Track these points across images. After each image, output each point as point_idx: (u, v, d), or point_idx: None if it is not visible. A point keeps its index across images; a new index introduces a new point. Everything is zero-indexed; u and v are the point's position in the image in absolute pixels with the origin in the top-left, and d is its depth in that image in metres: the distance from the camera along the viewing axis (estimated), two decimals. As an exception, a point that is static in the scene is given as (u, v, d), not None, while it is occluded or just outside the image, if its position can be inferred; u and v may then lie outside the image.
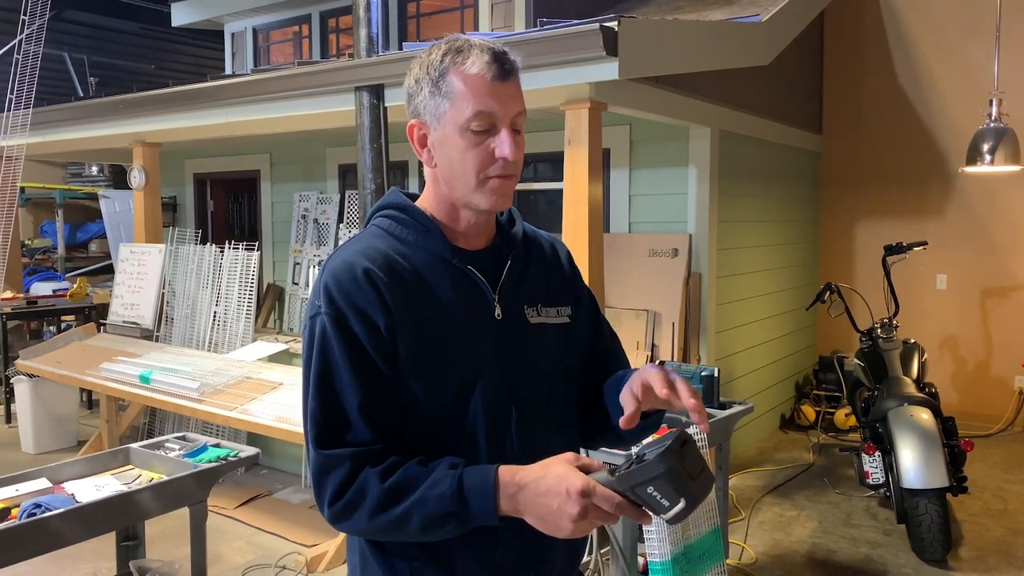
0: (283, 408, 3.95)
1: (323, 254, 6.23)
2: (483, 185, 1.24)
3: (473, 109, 1.21)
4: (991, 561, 3.78)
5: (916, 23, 6.33)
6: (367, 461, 1.18)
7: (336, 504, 1.18)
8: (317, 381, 1.21)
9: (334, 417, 1.20)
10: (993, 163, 4.72)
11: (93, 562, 3.71)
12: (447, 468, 1.16)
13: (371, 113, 4.19)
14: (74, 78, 9.26)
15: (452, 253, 1.29)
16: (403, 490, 1.16)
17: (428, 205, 1.32)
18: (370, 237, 1.31)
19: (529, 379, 1.30)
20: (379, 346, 1.20)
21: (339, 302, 1.21)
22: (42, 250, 9.92)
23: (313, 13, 6.90)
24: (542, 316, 1.35)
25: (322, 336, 1.21)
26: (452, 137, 1.24)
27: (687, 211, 4.78)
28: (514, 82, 1.25)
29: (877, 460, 4.03)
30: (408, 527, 1.16)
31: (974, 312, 6.20)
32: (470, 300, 1.28)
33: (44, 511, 2.41)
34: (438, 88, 1.24)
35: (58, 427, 5.64)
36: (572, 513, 1.07)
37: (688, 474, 1.04)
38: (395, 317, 1.21)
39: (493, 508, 1.13)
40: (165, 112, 5.28)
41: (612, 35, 3.24)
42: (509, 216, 1.39)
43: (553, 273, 1.42)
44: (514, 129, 1.24)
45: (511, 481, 1.13)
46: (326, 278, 1.24)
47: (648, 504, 1.06)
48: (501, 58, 1.23)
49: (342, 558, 3.80)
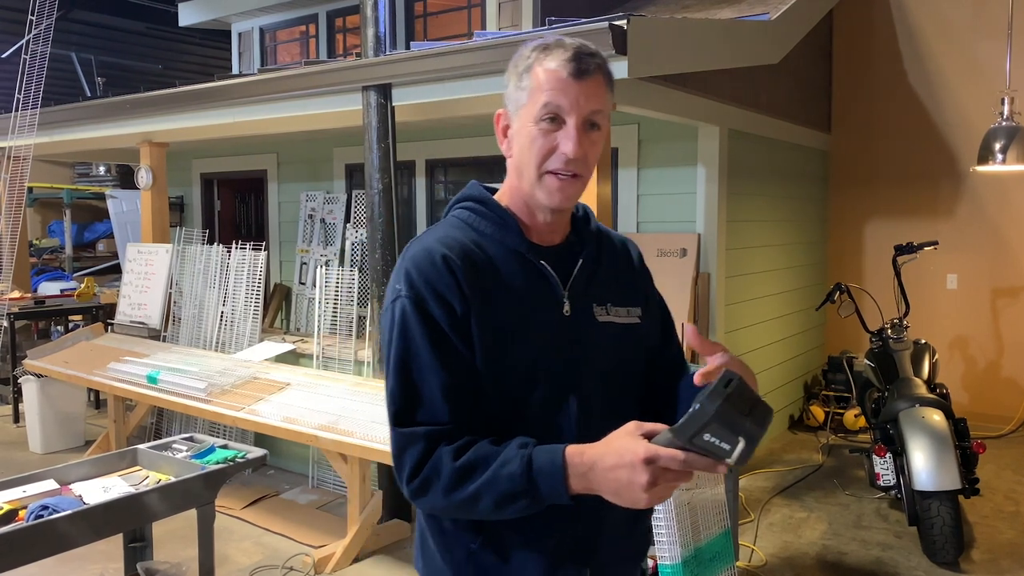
0: (290, 408, 3.94)
1: (330, 254, 6.22)
2: (543, 179, 1.28)
3: (544, 101, 1.25)
4: (1003, 564, 3.75)
5: (926, 20, 6.29)
6: (442, 440, 1.21)
7: (413, 482, 1.22)
8: (397, 362, 1.25)
9: (412, 397, 1.24)
10: (1005, 162, 4.68)
11: (101, 563, 3.71)
12: (517, 448, 1.19)
13: (378, 112, 4.17)
14: (81, 78, 9.28)
15: (526, 247, 1.32)
16: (475, 468, 1.19)
17: (506, 198, 1.36)
18: (448, 227, 1.34)
19: (593, 375, 1.32)
20: (456, 329, 1.24)
21: (419, 286, 1.25)
22: (50, 250, 9.94)
23: (320, 13, 6.90)
24: (611, 315, 1.38)
25: (402, 318, 1.25)
26: (525, 127, 1.28)
27: (696, 211, 4.75)
28: (593, 81, 1.26)
29: (888, 462, 4.00)
30: (480, 504, 1.19)
31: (985, 312, 6.15)
32: (540, 294, 1.31)
33: (51, 513, 2.41)
34: (521, 81, 1.29)
35: (66, 427, 5.65)
36: (642, 482, 1.09)
37: (740, 412, 1.05)
38: (469, 303, 1.25)
39: (563, 488, 1.15)
40: (172, 112, 5.28)
41: (621, 34, 3.22)
42: (585, 214, 1.43)
43: (624, 273, 1.45)
44: (590, 128, 1.27)
45: (580, 461, 1.15)
46: (407, 264, 1.28)
47: (710, 452, 1.06)
48: (581, 56, 1.26)
49: (349, 559, 3.79)
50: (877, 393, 4.68)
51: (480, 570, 1.29)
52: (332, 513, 4.41)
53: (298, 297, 6.45)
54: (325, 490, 4.78)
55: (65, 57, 9.10)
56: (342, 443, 3.60)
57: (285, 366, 4.75)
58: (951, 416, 3.96)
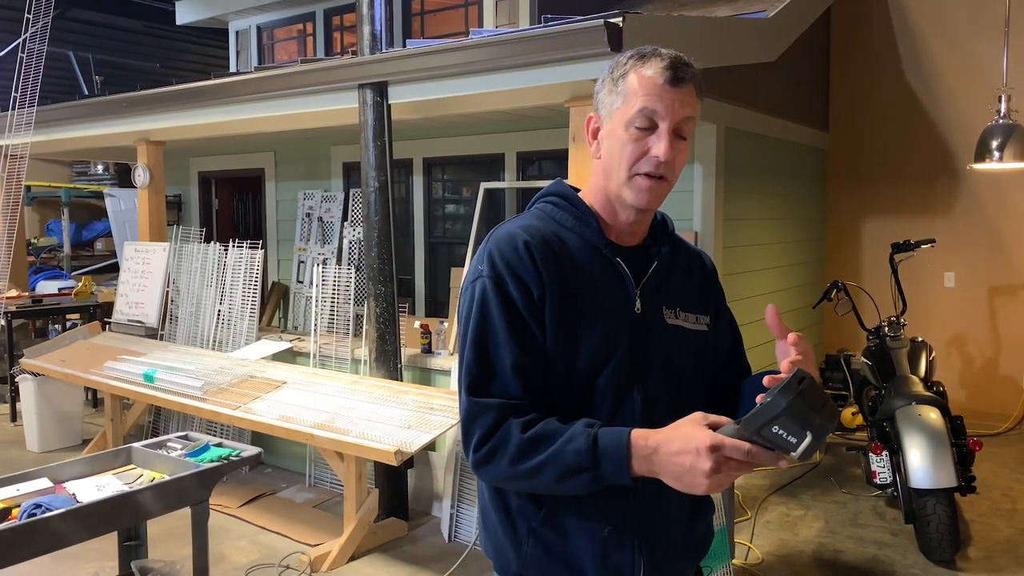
0: (286, 407, 3.94)
1: (327, 252, 6.22)
2: (633, 180, 1.33)
3: (639, 106, 1.31)
4: (1000, 561, 3.75)
5: (923, 18, 6.28)
6: (511, 413, 1.27)
7: (480, 450, 1.28)
8: (475, 336, 1.32)
9: (486, 369, 1.30)
10: (1002, 160, 4.67)
11: (97, 561, 3.71)
12: (584, 426, 1.24)
13: (375, 111, 4.17)
14: (79, 76, 9.27)
15: (604, 243, 1.38)
16: (542, 441, 1.24)
17: (589, 196, 1.42)
18: (532, 217, 1.42)
19: (657, 373, 1.37)
20: (532, 311, 1.30)
21: (500, 267, 1.31)
22: (48, 248, 9.94)
23: (317, 11, 6.89)
24: (679, 319, 1.43)
25: (483, 296, 1.32)
26: (617, 130, 1.34)
27: (693, 209, 4.74)
28: (687, 90, 1.32)
29: (884, 459, 3.99)
30: (543, 476, 1.24)
31: (982, 310, 6.15)
32: (613, 289, 1.37)
33: (44, 511, 2.40)
34: (616, 86, 1.35)
35: (63, 426, 5.65)
36: (705, 468, 1.12)
37: (810, 407, 1.07)
38: (546, 288, 1.31)
39: (625, 468, 1.20)
40: (169, 110, 5.27)
41: (616, 31, 3.22)
42: (663, 221, 1.49)
43: (696, 282, 1.50)
44: (679, 136, 1.32)
45: (644, 444, 1.19)
46: (491, 246, 1.35)
47: (777, 444, 1.09)
48: (677, 65, 1.32)
49: (346, 557, 3.79)
50: (874, 391, 4.68)
51: (541, 544, 1.35)
52: (329, 511, 4.41)
53: (296, 295, 6.44)
54: (322, 488, 4.78)
55: (63, 55, 9.09)
56: (338, 441, 3.60)
57: (282, 364, 4.75)
58: (947, 414, 3.96)
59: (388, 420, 3.66)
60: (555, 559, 1.35)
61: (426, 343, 4.62)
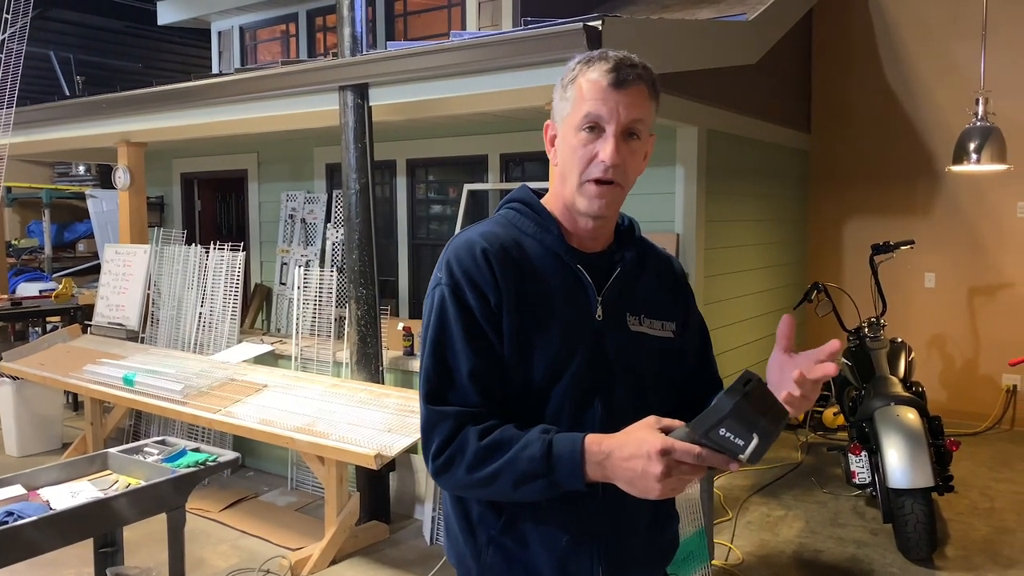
0: (267, 411, 3.92)
1: (310, 254, 6.20)
2: (583, 187, 1.33)
3: (584, 111, 1.31)
4: (976, 560, 3.78)
5: (904, 22, 6.33)
6: (469, 420, 1.27)
7: (439, 458, 1.28)
8: (432, 344, 1.32)
9: (444, 377, 1.30)
10: (980, 162, 4.71)
11: (75, 567, 3.68)
12: (539, 432, 1.24)
13: (355, 112, 4.16)
14: (60, 77, 9.19)
15: (564, 250, 1.38)
16: (498, 448, 1.24)
17: (551, 203, 1.42)
18: (493, 224, 1.41)
19: (620, 381, 1.36)
20: (489, 319, 1.30)
21: (458, 275, 1.32)
22: (29, 250, 9.85)
23: (300, 12, 6.86)
24: (643, 326, 1.41)
25: (440, 304, 1.32)
26: (568, 136, 1.34)
27: (674, 211, 4.75)
28: (632, 91, 1.31)
29: (863, 460, 4.02)
30: (499, 483, 1.24)
31: (962, 310, 6.20)
32: (574, 296, 1.36)
33: (16, 519, 2.38)
34: (566, 92, 1.35)
35: (43, 429, 5.60)
36: (656, 472, 1.13)
37: (756, 410, 1.08)
38: (503, 296, 1.31)
39: (580, 474, 1.20)
40: (149, 112, 5.23)
41: (596, 34, 3.22)
42: (630, 226, 1.48)
43: (663, 288, 1.49)
44: (629, 138, 1.31)
45: (598, 449, 1.19)
46: (449, 254, 1.35)
47: (724, 447, 1.09)
48: (621, 67, 1.31)
49: (327, 561, 3.78)
50: (854, 392, 4.72)
51: (500, 553, 1.35)
52: (311, 515, 4.39)
53: (279, 298, 6.41)
54: (304, 492, 4.76)
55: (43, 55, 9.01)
56: (318, 445, 3.59)
57: (263, 367, 4.72)
58: (925, 414, 3.99)
59: (369, 423, 3.65)
60: (515, 567, 1.35)
61: (408, 345, 4.61)
